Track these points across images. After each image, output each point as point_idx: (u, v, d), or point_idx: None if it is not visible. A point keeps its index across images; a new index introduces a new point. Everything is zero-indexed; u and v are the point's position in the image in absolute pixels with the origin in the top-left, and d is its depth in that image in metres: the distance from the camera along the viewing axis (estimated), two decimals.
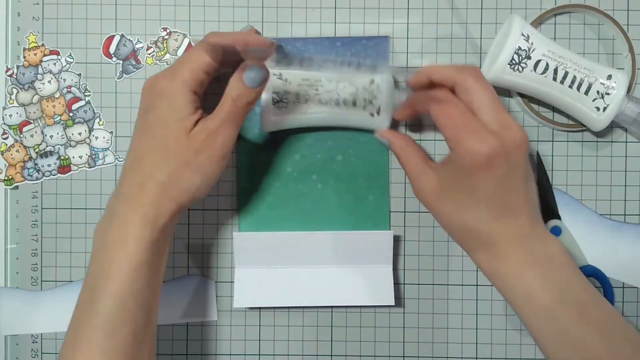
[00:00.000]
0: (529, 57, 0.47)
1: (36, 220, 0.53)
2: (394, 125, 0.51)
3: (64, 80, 0.52)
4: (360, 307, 0.53)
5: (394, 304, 0.51)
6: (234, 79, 0.42)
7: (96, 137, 0.52)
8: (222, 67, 0.44)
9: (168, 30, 0.52)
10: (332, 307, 0.53)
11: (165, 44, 0.52)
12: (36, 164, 0.52)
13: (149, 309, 0.43)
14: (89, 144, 0.52)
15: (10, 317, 0.52)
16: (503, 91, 0.52)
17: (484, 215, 0.42)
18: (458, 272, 0.53)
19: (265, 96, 0.47)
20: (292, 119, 0.48)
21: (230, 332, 0.53)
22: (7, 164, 0.52)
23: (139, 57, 0.52)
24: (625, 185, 0.53)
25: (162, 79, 0.43)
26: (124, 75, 0.53)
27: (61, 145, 0.52)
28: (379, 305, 0.52)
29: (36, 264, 0.53)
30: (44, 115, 0.52)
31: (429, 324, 0.53)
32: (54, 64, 0.52)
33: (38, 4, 0.52)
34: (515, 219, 0.42)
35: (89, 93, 0.53)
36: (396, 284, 0.53)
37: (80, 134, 0.52)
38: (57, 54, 0.52)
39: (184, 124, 0.42)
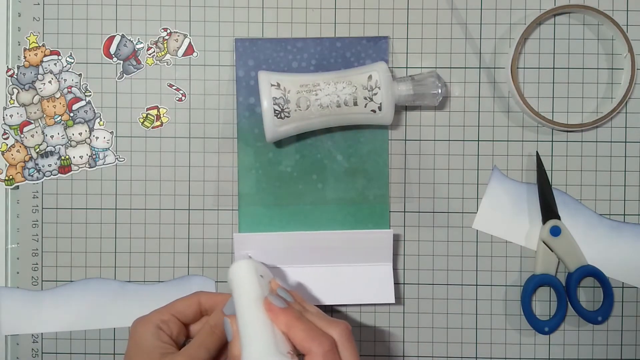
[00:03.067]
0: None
1: (37, 220, 0.53)
2: (395, 119, 0.52)
3: (65, 80, 0.52)
4: (360, 306, 0.53)
5: (394, 302, 0.51)
6: (216, 310, 0.45)
7: (97, 137, 0.53)
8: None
9: (168, 31, 0.53)
10: (332, 306, 0.53)
11: (165, 44, 0.53)
12: (37, 164, 0.52)
13: None
14: (89, 144, 0.53)
15: (11, 317, 0.53)
16: (502, 92, 0.53)
17: None
18: (458, 272, 0.53)
19: (267, 108, 0.47)
20: (296, 127, 0.48)
21: None
22: (8, 164, 0.52)
23: (139, 57, 0.53)
24: (625, 186, 0.53)
25: (137, 324, 0.45)
26: (125, 75, 0.53)
27: (62, 145, 0.52)
28: (379, 303, 0.52)
29: (37, 264, 0.53)
30: (44, 116, 0.52)
31: (428, 323, 0.53)
32: (55, 64, 0.52)
33: (39, 4, 0.52)
34: None
35: (90, 93, 0.53)
36: (396, 283, 0.53)
37: (80, 134, 0.52)
38: (58, 54, 0.52)
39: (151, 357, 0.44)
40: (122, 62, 0.53)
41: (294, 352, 0.38)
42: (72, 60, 0.52)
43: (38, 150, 0.52)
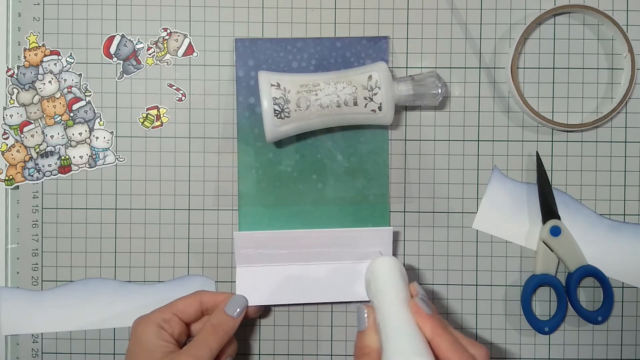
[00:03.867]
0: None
1: (37, 220, 0.53)
2: (395, 119, 0.52)
3: (65, 80, 0.52)
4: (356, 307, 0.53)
5: None
6: (217, 309, 0.47)
7: (97, 137, 0.53)
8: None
9: (168, 31, 0.53)
10: (332, 305, 0.53)
11: (165, 44, 0.53)
12: (37, 164, 0.52)
13: None
14: (89, 144, 0.53)
15: (11, 317, 0.53)
16: (502, 92, 0.53)
17: None
18: (458, 272, 0.53)
19: (267, 108, 0.47)
20: (296, 127, 0.48)
21: None
22: (8, 164, 0.52)
23: (139, 57, 0.53)
24: (625, 185, 0.53)
25: (138, 323, 0.46)
26: (125, 75, 0.53)
27: (62, 145, 0.52)
28: None
29: (37, 264, 0.53)
30: (44, 116, 0.52)
31: None
32: (55, 64, 0.52)
33: (39, 4, 0.52)
34: None
35: (90, 93, 0.53)
36: None
37: (80, 134, 0.52)
38: (58, 54, 0.52)
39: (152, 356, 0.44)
40: (122, 62, 0.53)
41: None
42: (72, 60, 0.52)
43: (38, 150, 0.52)
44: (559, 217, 0.52)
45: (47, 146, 0.52)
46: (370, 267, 0.45)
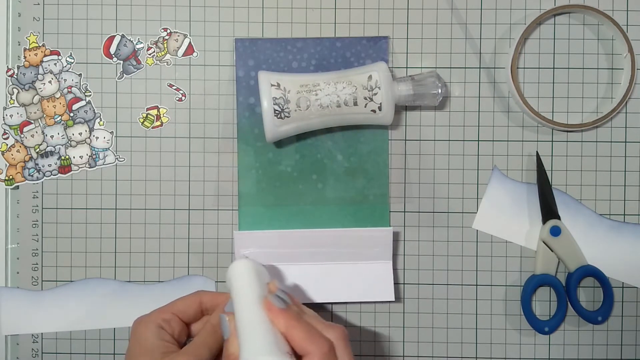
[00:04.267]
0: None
1: (37, 220, 0.53)
2: (395, 119, 0.52)
3: (65, 80, 0.52)
4: (360, 306, 0.53)
5: (394, 299, 0.51)
6: (217, 309, 0.46)
7: (97, 137, 0.53)
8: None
9: (168, 31, 0.53)
10: (332, 305, 0.53)
11: (165, 44, 0.53)
12: (37, 164, 0.52)
13: None
14: (89, 144, 0.53)
15: (11, 317, 0.53)
16: (502, 92, 0.53)
17: None
18: (458, 272, 0.53)
19: (267, 108, 0.47)
20: (296, 127, 0.48)
21: None
22: (8, 164, 0.52)
23: (139, 57, 0.53)
24: (625, 185, 0.53)
25: (138, 323, 0.46)
26: (125, 75, 0.53)
27: (62, 145, 0.52)
28: (379, 301, 0.53)
29: (37, 264, 0.53)
30: (44, 116, 0.52)
31: (428, 323, 0.53)
32: (55, 64, 0.52)
33: (39, 4, 0.52)
34: None
35: (90, 93, 0.53)
36: (396, 283, 0.53)
37: (80, 134, 0.52)
38: (58, 54, 0.52)
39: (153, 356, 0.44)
40: (122, 62, 0.53)
41: (292, 353, 0.38)
42: (72, 60, 0.52)
43: (38, 150, 0.52)
44: (559, 217, 0.52)
45: (47, 146, 0.52)
46: (226, 274, 0.45)
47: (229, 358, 0.41)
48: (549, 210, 0.52)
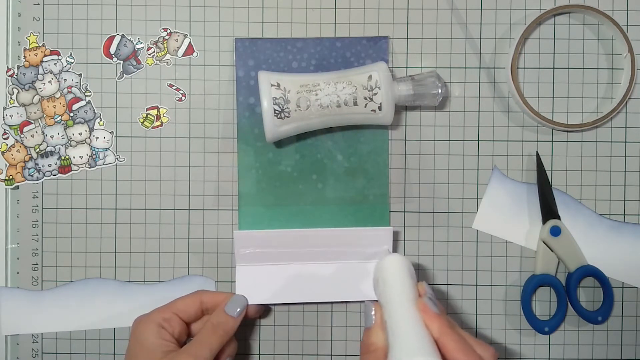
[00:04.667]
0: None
1: (37, 220, 0.53)
2: (395, 119, 0.52)
3: (65, 80, 0.52)
4: (360, 306, 0.53)
5: None
6: (217, 309, 0.48)
7: (97, 137, 0.53)
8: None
9: (168, 31, 0.53)
10: (332, 304, 0.53)
11: (165, 44, 0.53)
12: (37, 164, 0.52)
13: None
14: (89, 144, 0.53)
15: (11, 317, 0.53)
16: (502, 92, 0.53)
17: None
18: (458, 272, 0.53)
19: (267, 108, 0.47)
20: (296, 127, 0.48)
21: None
22: (8, 164, 0.52)
23: (139, 57, 0.53)
24: (625, 185, 0.53)
25: (138, 322, 0.46)
26: (125, 75, 0.53)
27: (62, 145, 0.52)
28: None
29: (37, 264, 0.53)
30: (44, 116, 0.52)
31: None
32: (55, 64, 0.52)
33: (39, 4, 0.52)
34: None
35: (90, 93, 0.53)
36: None
37: (80, 134, 0.52)
38: (58, 54, 0.52)
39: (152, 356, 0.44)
40: (122, 62, 0.53)
41: None
42: (72, 60, 0.52)
43: (38, 150, 0.52)
44: (559, 217, 0.52)
45: (47, 146, 0.52)
46: (378, 265, 0.45)
47: (369, 347, 0.40)
48: (549, 210, 0.52)
